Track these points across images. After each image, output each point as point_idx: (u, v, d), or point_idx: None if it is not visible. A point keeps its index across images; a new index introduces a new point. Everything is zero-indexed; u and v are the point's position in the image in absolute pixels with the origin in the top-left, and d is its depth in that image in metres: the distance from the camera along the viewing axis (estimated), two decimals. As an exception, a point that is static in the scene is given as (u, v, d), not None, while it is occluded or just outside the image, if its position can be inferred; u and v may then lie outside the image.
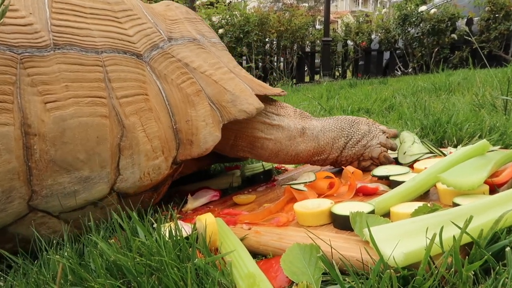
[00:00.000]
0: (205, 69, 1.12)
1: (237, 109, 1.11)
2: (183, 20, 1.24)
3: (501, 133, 1.57)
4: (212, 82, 1.11)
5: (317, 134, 1.30)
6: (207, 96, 1.09)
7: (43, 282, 0.78)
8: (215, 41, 1.31)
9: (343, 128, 1.32)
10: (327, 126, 1.32)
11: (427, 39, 6.16)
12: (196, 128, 1.06)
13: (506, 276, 0.63)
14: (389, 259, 0.67)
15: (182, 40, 1.16)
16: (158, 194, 1.12)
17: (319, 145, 1.30)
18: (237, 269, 0.74)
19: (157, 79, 1.06)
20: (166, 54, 1.10)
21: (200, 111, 1.07)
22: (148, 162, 1.00)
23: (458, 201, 0.87)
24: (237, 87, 1.14)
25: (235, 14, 5.78)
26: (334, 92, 3.88)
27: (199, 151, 1.06)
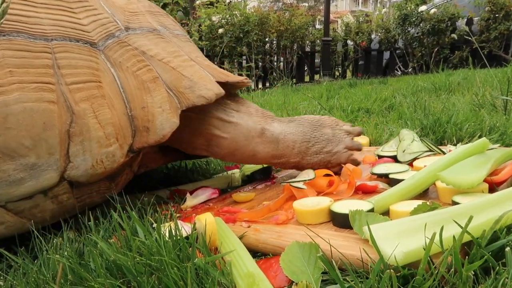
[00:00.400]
0: (163, 57, 1.12)
1: (195, 95, 1.10)
2: (145, 12, 1.26)
3: (501, 133, 1.57)
4: (169, 68, 1.11)
5: (277, 136, 1.25)
6: (164, 82, 1.09)
7: (43, 282, 0.78)
8: (179, 33, 1.31)
9: (305, 132, 1.27)
10: (289, 129, 1.27)
11: (427, 39, 6.16)
12: (152, 114, 1.05)
13: (506, 276, 0.63)
14: (389, 258, 0.67)
15: (141, 30, 1.17)
16: (116, 184, 1.11)
17: (277, 148, 1.25)
18: (236, 269, 0.74)
19: (112, 67, 1.06)
20: (122, 42, 1.10)
21: (157, 98, 1.06)
22: (101, 149, 0.99)
23: (458, 200, 0.87)
24: (196, 73, 1.14)
25: (235, 13, 5.78)
26: (334, 92, 3.88)
27: (156, 138, 1.05)
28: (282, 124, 1.30)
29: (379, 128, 2.00)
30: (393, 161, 1.32)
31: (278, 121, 1.31)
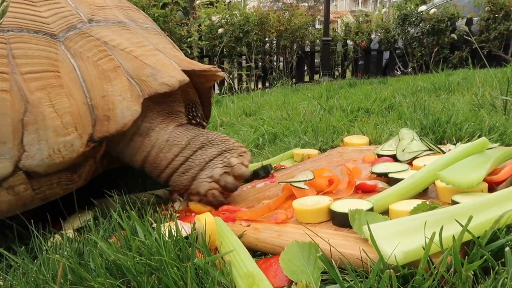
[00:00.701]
0: (126, 46, 1.13)
1: (157, 83, 1.10)
2: (112, 7, 1.27)
3: (501, 133, 1.57)
4: (132, 58, 1.12)
5: (163, 143, 1.15)
6: (125, 71, 1.09)
7: (43, 282, 0.78)
8: (148, 26, 1.32)
9: (189, 147, 1.15)
10: (176, 138, 1.16)
11: (426, 39, 6.16)
12: (113, 103, 1.05)
13: (506, 276, 0.63)
14: (389, 257, 0.67)
15: (105, 22, 1.18)
16: (79, 176, 1.11)
17: (157, 156, 1.15)
18: (236, 269, 0.74)
19: (72, 57, 1.07)
20: (84, 33, 1.11)
21: (117, 86, 1.06)
22: (58, 138, 0.99)
23: (457, 199, 0.87)
24: (160, 62, 1.14)
25: (235, 13, 5.77)
26: (333, 92, 3.88)
27: (116, 126, 1.04)
28: (171, 132, 1.17)
29: (379, 128, 2.00)
30: (392, 160, 1.32)
31: (172, 129, 1.18)
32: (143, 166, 1.18)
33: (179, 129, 1.18)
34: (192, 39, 5.21)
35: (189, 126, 1.23)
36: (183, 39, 5.04)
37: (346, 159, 1.54)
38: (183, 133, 1.17)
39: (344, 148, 1.75)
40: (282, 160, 1.66)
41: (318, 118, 2.42)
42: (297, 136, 2.04)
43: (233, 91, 5.21)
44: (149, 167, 1.17)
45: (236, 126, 2.58)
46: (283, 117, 2.59)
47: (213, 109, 3.10)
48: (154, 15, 4.43)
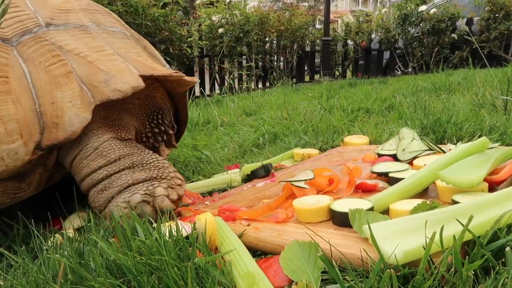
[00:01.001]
0: (81, 51, 1.11)
1: (110, 89, 1.06)
2: (79, 10, 1.25)
3: (501, 132, 1.57)
4: (86, 63, 1.09)
5: (90, 149, 1.09)
6: (78, 77, 1.06)
7: (43, 281, 0.78)
8: (115, 30, 1.30)
9: (117, 163, 1.06)
10: (106, 150, 1.08)
11: (427, 38, 6.16)
12: (62, 109, 1.02)
13: (506, 276, 0.63)
14: (389, 257, 0.67)
15: (65, 26, 1.16)
16: (28, 185, 1.08)
17: (81, 161, 1.08)
18: (236, 268, 0.74)
19: (24, 62, 1.05)
20: (38, 38, 1.09)
21: (67, 92, 1.03)
22: (1, 146, 0.96)
23: (457, 199, 0.87)
24: (115, 67, 1.11)
25: (235, 13, 5.77)
26: (334, 92, 3.88)
27: (65, 134, 1.01)
28: (119, 146, 1.11)
29: (379, 128, 2.00)
30: (393, 159, 1.32)
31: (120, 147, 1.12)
32: (70, 169, 1.11)
33: (115, 142, 1.10)
34: (192, 39, 5.21)
35: (130, 143, 1.13)
36: (184, 39, 5.04)
37: (347, 158, 1.54)
38: (116, 147, 1.09)
39: (344, 148, 1.75)
40: (283, 160, 1.66)
41: (318, 118, 2.42)
42: (298, 136, 2.04)
43: (234, 91, 5.21)
44: (73, 171, 1.10)
45: (236, 126, 2.58)
46: (284, 117, 2.59)
47: (213, 109, 3.10)
48: (154, 15, 4.43)
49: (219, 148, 2.03)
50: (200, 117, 2.83)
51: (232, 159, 1.82)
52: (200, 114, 2.89)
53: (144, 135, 1.30)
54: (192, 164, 1.76)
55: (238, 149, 1.96)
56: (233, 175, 1.44)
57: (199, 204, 1.20)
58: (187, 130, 2.66)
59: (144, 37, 4.97)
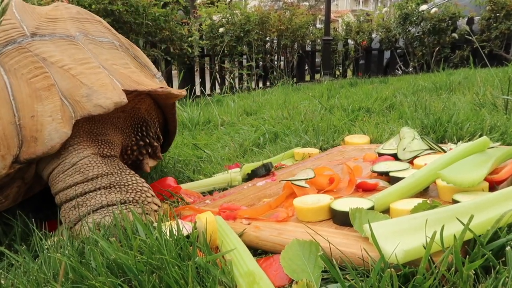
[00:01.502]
0: (65, 64, 1.09)
1: (92, 104, 1.04)
2: (67, 19, 1.23)
3: (502, 132, 1.57)
4: (69, 76, 1.07)
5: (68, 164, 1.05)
6: (60, 90, 1.04)
7: (44, 280, 0.78)
8: (104, 40, 1.27)
9: (94, 182, 1.03)
10: (85, 166, 1.05)
11: (427, 38, 6.15)
12: (42, 124, 1.00)
13: (507, 276, 0.63)
14: (390, 256, 0.67)
15: (51, 37, 1.14)
16: (6, 198, 1.06)
17: (57, 175, 1.05)
18: (237, 267, 0.74)
19: (6, 74, 1.03)
20: (22, 48, 1.08)
21: (48, 106, 1.02)
22: None
23: (458, 198, 0.87)
24: (99, 81, 1.08)
25: (236, 13, 5.77)
26: (334, 91, 3.88)
27: (43, 149, 0.99)
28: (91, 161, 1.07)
29: (380, 127, 2.00)
30: (393, 159, 1.32)
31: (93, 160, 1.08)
32: (48, 181, 1.09)
33: (95, 159, 1.07)
34: (193, 39, 5.21)
35: (111, 161, 1.10)
36: (184, 39, 5.04)
37: (347, 157, 1.54)
38: (96, 165, 1.05)
39: (345, 147, 1.75)
40: (283, 159, 1.66)
41: (319, 117, 2.42)
42: (298, 136, 2.03)
43: (234, 90, 5.21)
44: (50, 183, 1.07)
45: (237, 125, 2.58)
46: (284, 116, 2.59)
47: (214, 109, 3.10)
48: (155, 14, 4.43)
49: (220, 148, 2.03)
50: (201, 117, 2.83)
51: (233, 159, 1.82)
52: (200, 114, 2.89)
53: (129, 148, 1.27)
54: (192, 163, 1.76)
55: (238, 149, 1.96)
56: (233, 175, 1.44)
57: (200, 203, 1.20)
58: (188, 129, 2.66)
59: (145, 37, 4.94)
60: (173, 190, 1.29)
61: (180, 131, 2.64)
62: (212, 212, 0.98)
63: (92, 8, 3.93)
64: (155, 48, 4.65)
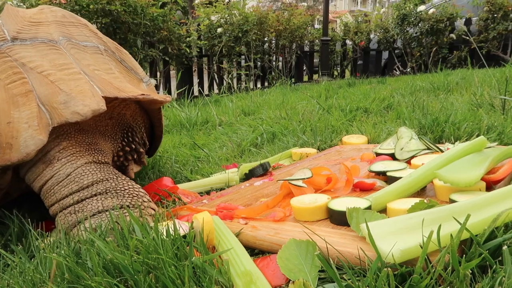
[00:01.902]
0: (44, 69, 1.08)
1: (69, 111, 1.02)
2: (51, 22, 1.21)
3: (499, 132, 1.57)
4: (47, 82, 1.05)
5: (63, 176, 1.04)
6: (37, 96, 1.03)
7: (40, 281, 0.77)
8: (88, 45, 1.26)
9: (90, 189, 1.02)
10: (79, 176, 1.04)
11: (425, 39, 6.16)
12: (17, 130, 0.99)
13: (503, 275, 0.63)
14: (386, 256, 0.67)
15: (32, 41, 1.13)
16: None
17: (52, 186, 1.04)
18: (234, 267, 0.74)
19: None
20: (2, 53, 1.07)
21: (24, 113, 1.00)
22: None
23: (455, 198, 0.87)
24: (77, 88, 1.07)
25: (234, 13, 5.77)
26: (332, 92, 3.88)
27: (19, 156, 0.98)
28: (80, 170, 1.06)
29: (378, 127, 2.00)
30: (391, 159, 1.32)
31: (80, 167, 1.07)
32: (39, 193, 1.08)
33: (90, 167, 1.06)
34: (191, 39, 5.21)
35: (106, 167, 1.09)
36: (182, 39, 5.04)
37: (345, 157, 1.54)
38: (90, 172, 1.05)
39: (342, 147, 1.75)
40: (281, 159, 1.66)
41: (316, 117, 2.42)
42: (296, 136, 2.03)
43: (232, 90, 5.20)
44: (42, 196, 1.07)
45: (235, 125, 2.57)
46: (282, 116, 2.59)
47: (212, 109, 3.10)
48: (153, 15, 4.43)
49: (218, 148, 2.03)
50: (199, 117, 2.83)
51: (230, 159, 1.82)
52: (198, 114, 2.88)
53: (116, 154, 1.26)
54: (190, 163, 1.76)
55: (236, 149, 1.96)
56: (231, 174, 1.44)
57: (197, 202, 1.20)
58: (186, 129, 2.66)
59: (143, 37, 4.92)
60: (170, 190, 1.29)
61: (178, 131, 2.64)
62: (209, 212, 0.98)
63: (90, 8, 3.93)
64: (153, 48, 4.65)
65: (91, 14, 4.03)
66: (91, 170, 1.05)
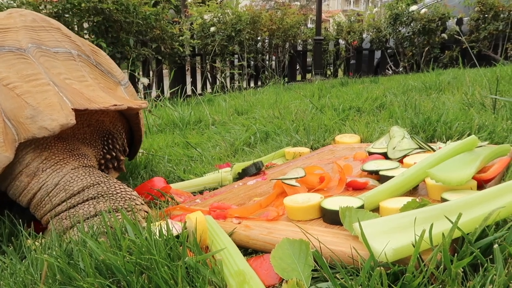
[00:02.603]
0: (11, 81, 1.04)
1: (36, 126, 0.99)
2: (20, 28, 1.18)
3: (490, 131, 1.59)
4: (13, 95, 1.02)
5: (51, 186, 1.02)
6: (3, 111, 1.00)
7: (31, 282, 0.77)
8: (59, 51, 1.22)
9: (81, 194, 1.01)
10: (68, 183, 1.02)
11: (417, 38, 6.21)
12: None
13: (494, 273, 0.64)
14: (379, 255, 0.67)
15: None
16: None
17: (42, 198, 1.03)
18: (227, 267, 0.73)
19: None
20: None
21: None
22: None
23: (447, 197, 0.88)
24: (45, 101, 1.03)
25: (227, 12, 5.76)
26: (325, 91, 3.89)
27: None
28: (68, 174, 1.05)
29: (370, 126, 2.01)
30: (383, 158, 1.33)
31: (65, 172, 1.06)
32: (28, 206, 1.06)
33: (78, 172, 1.04)
34: (184, 38, 5.19)
35: (94, 171, 1.07)
36: (175, 38, 5.02)
37: (338, 156, 1.54)
38: (79, 178, 1.03)
39: (335, 146, 1.76)
40: (274, 158, 1.66)
41: (310, 117, 2.43)
42: (289, 135, 2.04)
43: (225, 90, 5.19)
44: (32, 209, 1.05)
45: (228, 124, 2.57)
46: (275, 116, 2.59)
47: (205, 108, 3.09)
48: (145, 13, 4.40)
49: (211, 147, 2.03)
50: (192, 116, 2.82)
51: (224, 158, 1.81)
52: (191, 113, 2.87)
53: (97, 162, 1.24)
54: (183, 163, 1.75)
55: (229, 148, 1.96)
56: (224, 174, 1.44)
57: (190, 202, 1.19)
58: (179, 129, 2.65)
59: (135, 36, 4.89)
60: (163, 190, 1.28)
61: (171, 131, 2.62)
62: (202, 212, 0.97)
63: (81, 6, 3.90)
64: (146, 47, 4.62)
65: (83, 12, 4.00)
66: (79, 175, 1.03)
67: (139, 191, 1.30)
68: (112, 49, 4.21)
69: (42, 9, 3.89)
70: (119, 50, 4.28)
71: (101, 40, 4.07)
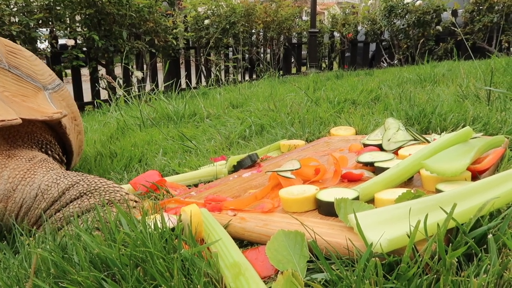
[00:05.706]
0: None
1: None
2: None
3: (484, 123, 1.59)
4: None
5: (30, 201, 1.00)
6: None
7: (25, 276, 0.76)
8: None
9: (63, 197, 0.99)
10: (46, 190, 0.99)
11: (412, 30, 6.21)
12: None
13: (488, 263, 0.64)
14: (375, 246, 0.67)
15: None
16: None
17: (24, 215, 1.01)
18: (222, 259, 0.73)
19: None
20: None
21: None
22: None
23: (441, 188, 0.88)
24: None
25: (221, 4, 5.71)
26: (320, 84, 3.89)
27: None
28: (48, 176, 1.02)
29: (365, 119, 2.01)
30: (378, 149, 1.33)
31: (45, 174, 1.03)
32: (15, 221, 1.02)
33: (51, 177, 1.00)
34: (178, 31, 5.15)
35: (65, 172, 1.04)
36: (169, 30, 4.98)
37: (333, 148, 1.54)
38: (55, 182, 0.99)
39: (330, 138, 1.75)
40: (269, 151, 1.66)
41: (305, 109, 2.42)
42: (284, 128, 2.03)
43: (220, 83, 5.17)
44: (19, 224, 1.02)
45: (223, 117, 2.56)
46: (270, 108, 2.59)
47: (200, 101, 3.08)
48: (138, 6, 4.36)
49: (206, 140, 2.02)
50: (186, 109, 2.80)
51: (219, 151, 1.81)
52: (186, 106, 2.86)
53: None
54: (178, 156, 1.74)
55: (224, 141, 1.95)
56: (219, 167, 1.43)
57: (185, 194, 1.19)
58: (173, 122, 2.63)
59: (128, 29, 4.85)
60: (158, 183, 1.28)
61: (166, 124, 2.61)
62: (198, 204, 0.97)
63: (74, -2, 3.85)
64: (139, 40, 4.58)
65: (75, 5, 3.95)
66: (53, 180, 1.00)
67: (134, 185, 1.29)
68: (105, 42, 4.16)
69: (33, 1, 3.83)
70: (112, 43, 4.24)
71: (93, 33, 4.03)
